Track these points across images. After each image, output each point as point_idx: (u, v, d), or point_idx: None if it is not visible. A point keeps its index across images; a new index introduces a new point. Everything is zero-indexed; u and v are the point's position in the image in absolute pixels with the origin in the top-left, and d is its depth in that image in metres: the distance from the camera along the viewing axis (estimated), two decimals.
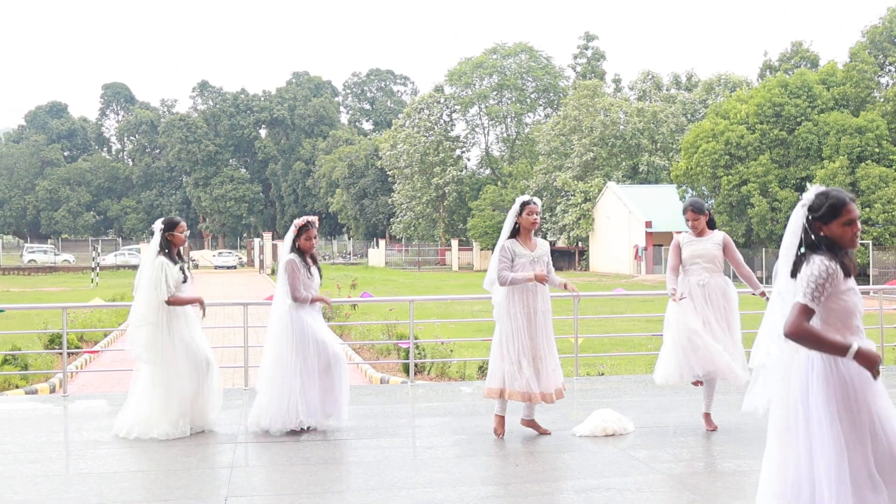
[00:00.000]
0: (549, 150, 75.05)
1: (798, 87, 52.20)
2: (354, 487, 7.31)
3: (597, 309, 29.42)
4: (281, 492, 7.27)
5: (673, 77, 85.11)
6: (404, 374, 16.69)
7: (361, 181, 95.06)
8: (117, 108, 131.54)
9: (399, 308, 25.50)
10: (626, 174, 72.23)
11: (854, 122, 49.33)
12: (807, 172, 50.12)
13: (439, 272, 73.48)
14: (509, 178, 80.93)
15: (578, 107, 73.30)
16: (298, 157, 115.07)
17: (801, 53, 66.18)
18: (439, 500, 6.87)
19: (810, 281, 4.50)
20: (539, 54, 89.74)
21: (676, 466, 7.94)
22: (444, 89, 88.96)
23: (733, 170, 51.63)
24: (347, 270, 63.33)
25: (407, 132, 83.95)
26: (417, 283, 52.53)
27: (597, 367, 17.05)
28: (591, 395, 11.56)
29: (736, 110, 53.26)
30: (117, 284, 47.97)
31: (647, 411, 9.82)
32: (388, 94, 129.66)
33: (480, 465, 8.06)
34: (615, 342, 20.96)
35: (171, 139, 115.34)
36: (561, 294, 9.58)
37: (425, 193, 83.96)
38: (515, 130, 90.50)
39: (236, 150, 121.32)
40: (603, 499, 6.88)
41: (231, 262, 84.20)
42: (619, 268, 65.11)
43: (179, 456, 8.39)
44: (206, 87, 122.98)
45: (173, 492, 7.25)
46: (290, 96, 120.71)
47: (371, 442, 8.90)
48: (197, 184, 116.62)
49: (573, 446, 8.64)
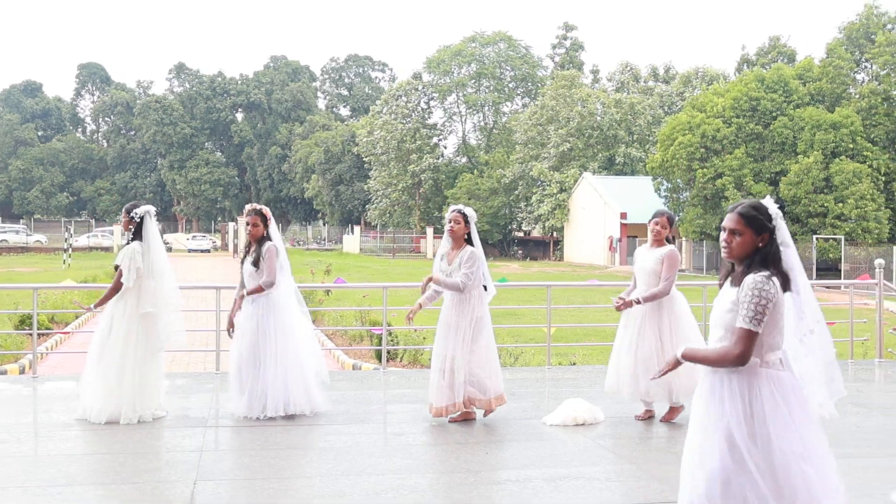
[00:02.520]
0: (526, 140, 75.07)
1: (774, 82, 52.42)
2: (324, 472, 7.31)
3: (570, 299, 29.49)
4: (250, 476, 7.25)
5: (651, 69, 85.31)
6: (377, 361, 16.69)
7: (337, 167, 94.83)
8: (93, 89, 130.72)
9: (373, 294, 25.48)
10: (603, 165, 72.35)
11: (829, 117, 49.59)
12: (781, 167, 50.36)
13: (414, 259, 73.43)
14: (486, 167, 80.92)
15: (556, 97, 73.32)
16: (275, 142, 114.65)
17: (778, 48, 66.48)
18: (409, 487, 6.88)
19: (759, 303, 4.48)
20: (518, 43, 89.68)
21: (646, 456, 7.99)
22: (422, 76, 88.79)
23: (708, 163, 51.80)
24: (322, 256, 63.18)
25: (384, 119, 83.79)
26: (392, 270, 52.48)
27: (569, 356, 17.11)
28: (563, 384, 11.59)
29: (713, 104, 53.42)
30: (89, 266, 47.73)
31: (618, 402, 9.85)
32: (366, 80, 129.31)
33: (451, 453, 8.07)
34: (588, 332, 21.02)
35: (146, 121, 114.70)
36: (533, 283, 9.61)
37: (401, 180, 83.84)
38: (493, 119, 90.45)
39: (212, 133, 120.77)
40: (572, 488, 6.91)
41: (205, 245, 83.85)
42: (594, 258, 65.27)
43: (149, 439, 8.36)
44: (182, 69, 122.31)
45: (142, 475, 7.22)
46: (268, 80, 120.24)
47: (342, 428, 8.89)
48: (172, 166, 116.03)
49: (543, 435, 8.67)
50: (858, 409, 10.13)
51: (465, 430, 8.81)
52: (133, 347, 9.00)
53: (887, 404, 10.65)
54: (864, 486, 6.88)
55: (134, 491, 6.78)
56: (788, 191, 47.78)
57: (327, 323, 23.20)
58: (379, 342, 15.16)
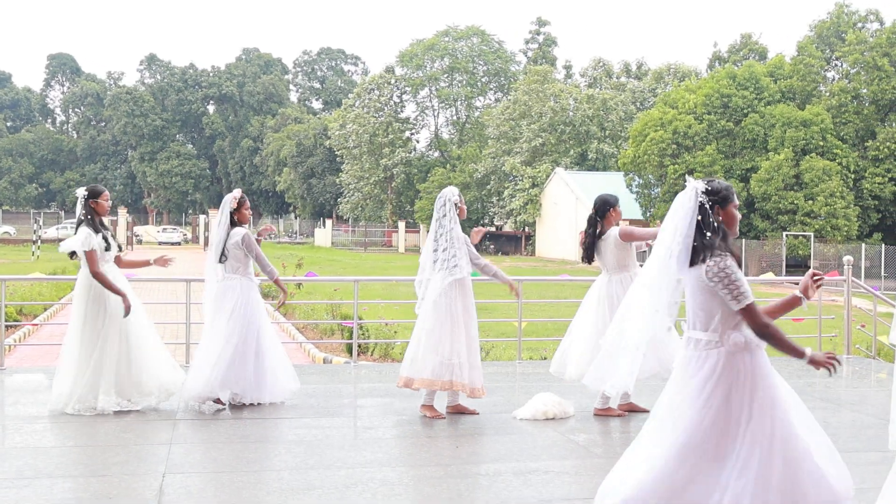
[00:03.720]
0: (499, 135, 75.08)
1: (746, 79, 52.69)
2: (293, 466, 7.29)
3: (541, 293, 29.55)
4: (219, 469, 7.23)
5: (623, 65, 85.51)
6: (347, 355, 16.67)
7: (309, 160, 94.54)
8: (62, 80, 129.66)
9: (344, 288, 25.44)
10: (575, 161, 72.48)
11: (800, 115, 49.89)
12: (752, 164, 50.63)
13: (385, 253, 73.39)
14: (458, 162, 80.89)
15: (528, 92, 73.37)
16: (246, 135, 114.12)
17: (750, 46, 66.77)
18: (378, 480, 6.87)
19: (734, 282, 4.52)
20: (491, 38, 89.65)
21: (615, 450, 8.01)
22: (394, 70, 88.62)
23: (680, 159, 51.99)
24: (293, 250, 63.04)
25: (356, 112, 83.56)
26: (363, 264, 52.43)
27: (540, 351, 17.15)
28: (533, 379, 11.62)
29: (684, 100, 53.62)
30: (59, 258, 47.36)
31: (588, 396, 9.88)
32: (339, 73, 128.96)
33: (421, 446, 8.08)
34: (559, 327, 21.05)
35: (117, 112, 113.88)
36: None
37: (373, 174, 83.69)
38: (465, 114, 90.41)
39: (183, 125, 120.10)
40: (541, 481, 6.92)
41: (175, 238, 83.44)
42: (566, 253, 65.40)
43: (118, 431, 8.32)
44: (153, 60, 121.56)
45: (110, 467, 7.19)
46: (240, 73, 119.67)
47: (312, 421, 8.88)
48: (142, 158, 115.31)
49: (514, 429, 8.68)
50: (827, 404, 10.21)
51: (436, 424, 8.82)
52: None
53: (855, 400, 10.74)
54: None
55: (102, 483, 6.74)
56: (759, 187, 48.05)
57: (298, 316, 23.15)
58: (350, 336, 15.14)
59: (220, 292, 9.34)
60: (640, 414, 9.20)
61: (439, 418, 9.00)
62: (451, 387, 8.86)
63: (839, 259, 44.19)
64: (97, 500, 6.33)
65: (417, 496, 6.59)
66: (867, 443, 8.36)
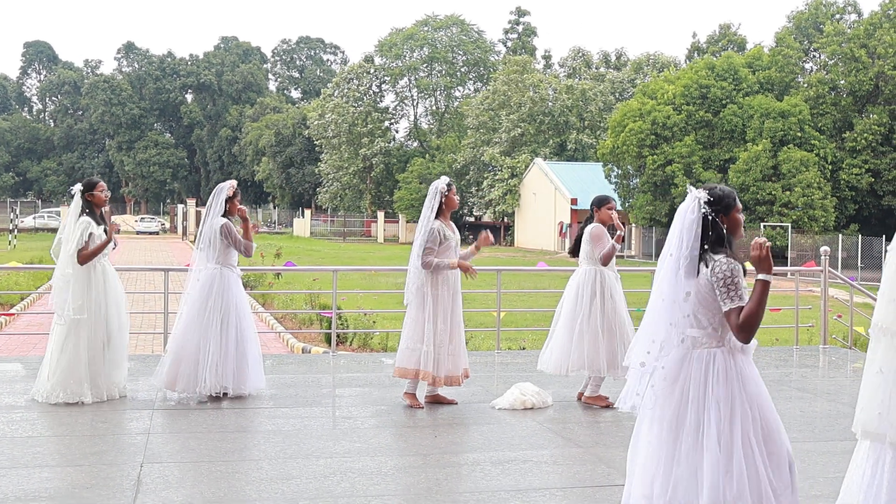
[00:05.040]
0: (478, 125, 75.06)
1: (724, 70, 52.85)
2: (272, 455, 7.29)
3: (520, 283, 29.61)
4: (197, 459, 7.22)
5: (602, 55, 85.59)
6: (326, 345, 16.66)
7: (288, 150, 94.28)
8: (39, 68, 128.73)
9: (323, 278, 25.41)
10: (554, 151, 72.56)
11: (778, 106, 50.10)
12: (730, 154, 50.82)
13: (365, 243, 73.31)
14: (437, 152, 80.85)
15: (508, 82, 73.37)
16: (225, 124, 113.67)
17: (728, 36, 66.98)
18: (357, 470, 6.88)
19: (735, 284, 4.51)
20: (470, 28, 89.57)
21: (593, 440, 8.05)
22: (373, 60, 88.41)
23: (659, 150, 52.14)
24: (272, 239, 62.87)
25: (335, 102, 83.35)
26: (342, 254, 52.36)
27: (518, 341, 17.18)
28: (512, 368, 11.65)
29: (663, 91, 53.75)
30: (35, 247, 47.12)
31: (566, 386, 9.92)
32: (318, 62, 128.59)
33: (399, 436, 8.09)
34: (537, 317, 21.11)
35: (94, 101, 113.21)
36: (483, 268, 9.66)
37: (352, 164, 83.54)
38: (444, 104, 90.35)
39: (161, 114, 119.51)
40: (519, 471, 6.94)
41: (153, 227, 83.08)
42: (544, 244, 65.50)
43: (95, 422, 8.29)
44: (131, 48, 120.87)
45: (87, 457, 7.17)
46: (218, 61, 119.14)
47: (290, 411, 8.88)
48: (120, 147, 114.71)
49: (492, 419, 8.71)
50: (803, 394, 10.28)
51: (414, 414, 8.83)
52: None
53: (831, 390, 10.81)
54: (808, 470, 6.98)
55: (80, 473, 6.72)
56: (737, 178, 48.24)
57: (277, 306, 23.11)
58: (329, 326, 15.12)
59: (203, 283, 9.29)
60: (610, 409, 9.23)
61: (417, 407, 9.02)
62: (416, 376, 8.88)
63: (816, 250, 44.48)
64: (74, 490, 6.31)
65: (396, 486, 6.60)
66: (842, 432, 8.42)
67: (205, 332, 9.10)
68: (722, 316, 4.58)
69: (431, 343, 8.81)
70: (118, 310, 9.22)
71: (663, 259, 4.71)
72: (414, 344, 8.88)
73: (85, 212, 9.18)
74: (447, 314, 8.91)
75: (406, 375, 8.94)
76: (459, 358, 8.99)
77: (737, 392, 4.55)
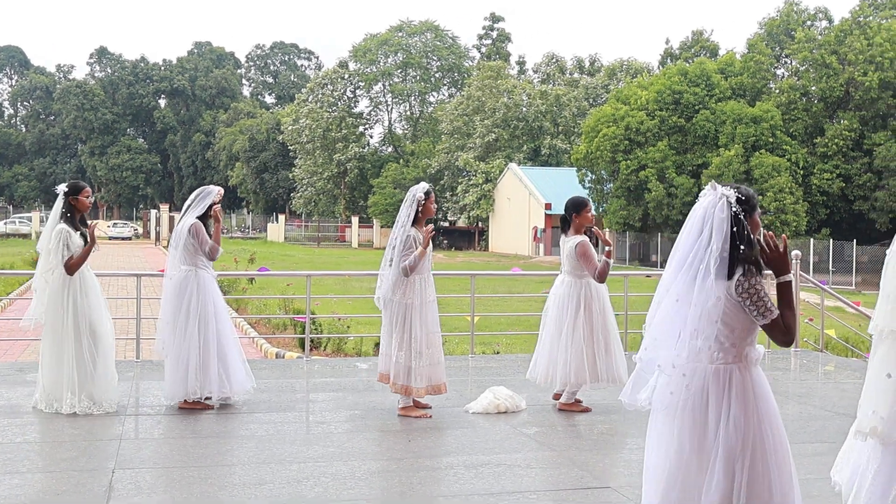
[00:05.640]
0: (452, 130, 75.16)
1: (697, 76, 53.15)
2: (245, 461, 7.27)
3: (494, 288, 29.64)
4: (170, 464, 7.19)
5: (576, 61, 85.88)
6: (300, 350, 16.62)
7: (262, 155, 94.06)
8: (11, 73, 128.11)
9: (296, 283, 25.36)
10: (528, 156, 72.74)
11: (750, 111, 50.43)
12: (703, 160, 51.09)
13: (339, 248, 73.22)
14: (411, 157, 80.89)
15: (482, 87, 73.51)
16: (198, 129, 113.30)
17: (701, 42, 67.39)
18: (331, 475, 6.87)
19: (761, 298, 4.38)
20: (445, 33, 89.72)
21: (567, 443, 8.07)
22: (348, 65, 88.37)
23: (632, 155, 52.36)
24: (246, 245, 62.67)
25: (310, 107, 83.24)
26: (316, 259, 52.28)
27: (492, 345, 17.20)
28: (486, 372, 11.65)
29: (636, 96, 54.00)
30: (6, 253, 46.80)
31: (541, 390, 9.93)
32: (292, 67, 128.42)
33: (373, 441, 8.08)
34: (511, 321, 21.15)
35: (66, 106, 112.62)
36: (458, 272, 9.65)
37: (326, 169, 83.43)
38: (419, 109, 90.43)
39: (134, 119, 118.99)
40: (493, 474, 6.95)
41: (126, 233, 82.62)
42: (519, 249, 65.62)
43: (66, 427, 8.23)
44: (104, 53, 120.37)
45: (58, 463, 7.12)
46: (192, 66, 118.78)
47: (264, 416, 8.84)
48: (93, 152, 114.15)
49: (466, 423, 8.71)
50: (775, 397, 10.31)
51: (388, 419, 8.82)
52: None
53: (802, 392, 10.88)
54: None
55: (51, 479, 6.68)
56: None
57: (251, 311, 23.04)
58: (302, 331, 15.10)
59: (177, 284, 9.13)
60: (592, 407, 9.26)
61: (425, 417, 8.90)
62: (387, 380, 8.85)
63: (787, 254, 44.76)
64: (46, 497, 6.27)
65: (369, 490, 6.60)
66: (813, 434, 8.48)
67: (182, 336, 8.98)
68: (742, 331, 4.45)
69: (407, 354, 8.74)
70: (101, 315, 9.06)
71: (682, 261, 4.46)
72: (386, 349, 8.86)
73: (66, 216, 9.00)
74: (424, 323, 8.85)
75: (384, 381, 8.92)
76: (437, 369, 8.92)
77: (752, 412, 4.48)
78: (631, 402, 4.56)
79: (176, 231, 9.25)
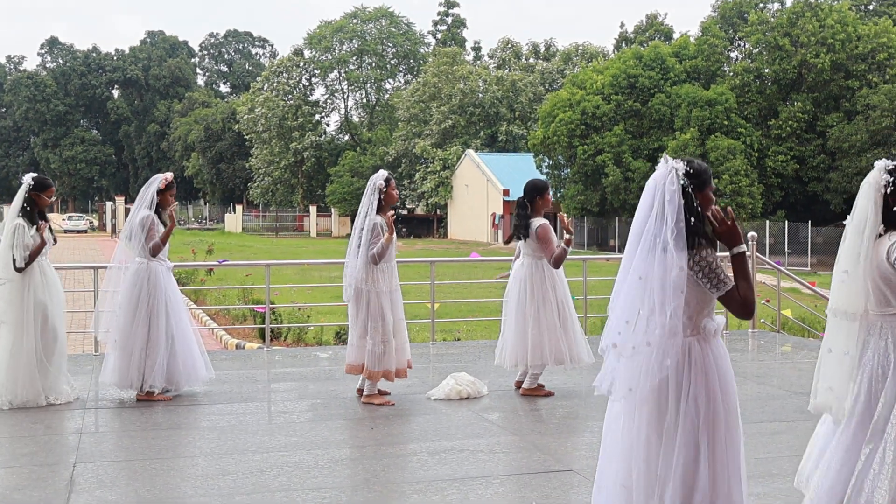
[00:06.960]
0: (409, 117, 75.04)
1: (652, 60, 53.38)
2: (207, 452, 7.24)
3: (453, 275, 29.67)
4: (131, 457, 7.15)
5: (532, 46, 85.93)
6: (260, 340, 16.56)
7: (218, 145, 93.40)
8: None
9: (255, 273, 25.25)
10: (485, 142, 72.77)
11: (704, 94, 50.73)
12: (659, 143, 51.36)
13: (297, 238, 72.97)
14: (368, 145, 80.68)
15: (438, 74, 73.41)
16: (153, 119, 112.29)
17: (655, 26, 67.72)
18: (293, 464, 6.87)
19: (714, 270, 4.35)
20: (400, 20, 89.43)
21: (529, 428, 8.11)
22: (303, 53, 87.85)
23: (589, 139, 52.53)
24: (203, 236, 62.32)
25: (265, 96, 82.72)
26: (275, 249, 52.07)
27: (453, 332, 17.24)
28: (447, 359, 11.69)
29: (592, 81, 54.15)
30: None
31: (502, 375, 9.97)
32: (247, 56, 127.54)
33: (335, 429, 8.08)
34: (471, 307, 21.19)
35: (17, 98, 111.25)
36: (416, 259, 9.65)
37: (283, 158, 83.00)
38: (375, 96, 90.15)
39: (87, 110, 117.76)
40: (456, 460, 6.98)
41: (81, 226, 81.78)
42: (478, 235, 65.70)
43: (26, 422, 8.16)
44: (55, 44, 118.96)
45: (19, 458, 7.07)
46: (145, 56, 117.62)
47: (225, 407, 8.82)
48: (46, 145, 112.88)
49: (428, 409, 8.74)
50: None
51: (350, 407, 8.82)
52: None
53: (760, 373, 11.01)
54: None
55: (12, 475, 6.62)
56: None
57: (210, 302, 22.92)
58: (262, 321, 15.05)
59: (129, 276, 9.06)
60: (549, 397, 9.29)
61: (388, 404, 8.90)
62: (358, 371, 8.90)
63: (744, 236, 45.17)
64: (6, 493, 6.22)
65: (333, 478, 6.60)
66: (771, 414, 8.59)
67: (136, 328, 8.92)
68: (697, 304, 4.42)
69: (382, 340, 8.77)
70: (60, 310, 9.00)
71: (638, 234, 4.41)
72: (358, 340, 8.85)
73: (25, 209, 8.88)
74: (394, 310, 8.91)
75: (354, 372, 8.93)
76: (404, 352, 9.00)
77: (713, 384, 4.45)
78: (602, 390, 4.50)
79: (128, 222, 9.17)
